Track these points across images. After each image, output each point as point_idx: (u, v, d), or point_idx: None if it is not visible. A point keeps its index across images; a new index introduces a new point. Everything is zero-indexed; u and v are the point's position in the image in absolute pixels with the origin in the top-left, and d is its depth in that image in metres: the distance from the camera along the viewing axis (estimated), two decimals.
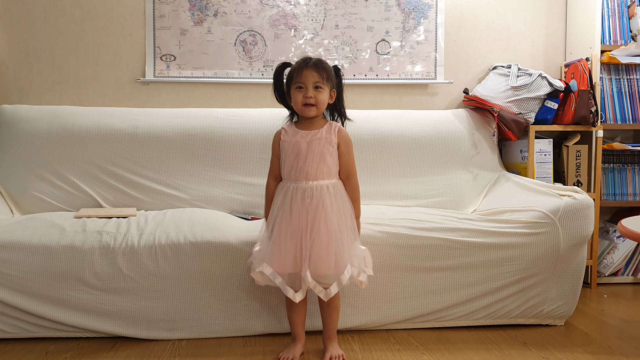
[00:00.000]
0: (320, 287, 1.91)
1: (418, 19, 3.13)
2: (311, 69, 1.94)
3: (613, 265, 2.94)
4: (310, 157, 1.95)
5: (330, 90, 2.00)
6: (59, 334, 2.15)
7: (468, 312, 2.28)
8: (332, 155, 1.97)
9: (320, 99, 1.95)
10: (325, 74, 1.96)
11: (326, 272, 1.90)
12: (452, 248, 2.23)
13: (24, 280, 2.08)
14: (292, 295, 1.93)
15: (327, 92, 1.97)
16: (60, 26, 2.98)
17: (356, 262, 1.96)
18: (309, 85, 1.94)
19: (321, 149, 1.95)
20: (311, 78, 1.94)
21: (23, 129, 2.73)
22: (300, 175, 1.96)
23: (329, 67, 2.00)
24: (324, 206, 1.92)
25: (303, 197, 1.93)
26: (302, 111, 1.98)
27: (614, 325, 2.37)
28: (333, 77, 2.00)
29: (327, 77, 1.96)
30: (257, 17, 3.05)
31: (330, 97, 2.00)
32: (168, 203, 2.69)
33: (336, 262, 1.90)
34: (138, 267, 2.12)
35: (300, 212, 1.92)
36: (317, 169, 1.95)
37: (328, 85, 1.97)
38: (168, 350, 2.07)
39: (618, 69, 3.03)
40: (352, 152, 2.02)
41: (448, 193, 2.81)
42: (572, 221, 2.25)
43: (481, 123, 2.97)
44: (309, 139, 1.97)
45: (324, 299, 1.93)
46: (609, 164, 3.04)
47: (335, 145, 1.98)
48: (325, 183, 1.95)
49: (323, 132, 1.98)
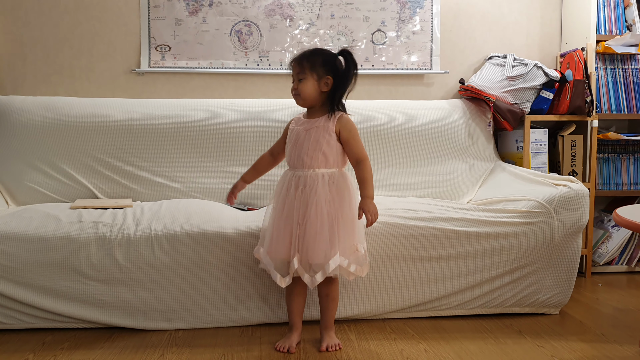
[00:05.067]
0: (308, 275, 1.93)
1: (414, 9, 3.12)
2: (295, 62, 1.99)
3: (607, 254, 2.96)
4: (306, 144, 1.96)
5: (321, 78, 1.97)
6: (55, 325, 2.15)
7: (464, 301, 2.30)
8: (329, 143, 1.96)
9: (302, 89, 1.97)
10: (308, 64, 1.96)
11: (316, 261, 1.92)
12: (448, 237, 2.24)
13: (20, 271, 2.08)
14: (279, 280, 1.96)
15: (311, 81, 1.96)
16: (54, 16, 2.96)
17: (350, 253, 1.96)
18: (294, 77, 2.00)
19: (317, 137, 1.96)
20: (295, 70, 1.99)
21: (17, 120, 2.72)
22: (298, 162, 1.98)
23: (317, 56, 1.98)
24: (317, 195, 1.92)
25: (297, 185, 1.96)
26: (295, 99, 2.03)
27: (608, 314, 2.39)
28: (322, 65, 1.97)
29: (310, 67, 1.96)
30: (252, 7, 3.03)
31: (325, 85, 1.98)
32: (164, 194, 2.68)
33: (325, 252, 1.91)
34: (134, 257, 2.12)
35: (294, 200, 1.95)
36: (313, 157, 1.95)
37: (313, 75, 1.96)
38: (165, 340, 2.08)
39: (613, 58, 3.03)
40: (357, 136, 1.99)
41: (444, 183, 2.81)
42: (567, 210, 2.26)
43: (477, 113, 2.97)
44: (308, 126, 1.99)
45: (309, 286, 1.95)
46: (603, 154, 3.05)
47: (333, 133, 1.96)
48: (321, 172, 1.96)
49: (322, 120, 1.98)
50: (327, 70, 1.98)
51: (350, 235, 1.96)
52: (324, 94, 2.00)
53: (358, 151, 1.99)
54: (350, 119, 2.01)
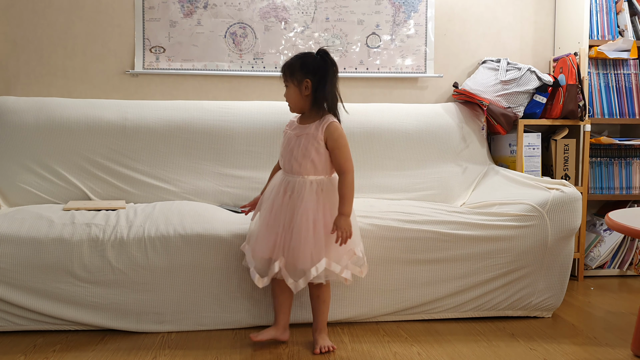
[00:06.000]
0: (291, 279, 1.94)
1: (408, 13, 3.13)
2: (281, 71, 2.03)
3: (600, 258, 2.98)
4: (296, 151, 1.97)
5: (301, 82, 1.96)
6: (47, 327, 2.14)
7: (457, 304, 2.30)
8: (318, 151, 1.95)
9: (287, 96, 2.01)
10: (288, 71, 1.99)
11: (301, 266, 1.93)
12: (441, 241, 2.24)
13: (12, 272, 2.07)
14: (257, 280, 1.98)
15: (292, 88, 1.99)
16: (48, 16, 2.95)
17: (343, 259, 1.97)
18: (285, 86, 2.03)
19: (306, 144, 1.96)
20: (282, 80, 2.03)
21: (10, 120, 2.70)
22: (288, 167, 1.99)
23: (295, 62, 1.98)
24: (304, 201, 1.93)
25: (286, 190, 1.97)
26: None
27: (600, 317, 2.40)
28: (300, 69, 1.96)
29: (290, 74, 1.98)
30: (247, 10, 3.04)
31: (306, 89, 1.97)
32: (157, 196, 2.67)
33: (311, 258, 1.91)
34: (127, 259, 2.11)
35: (281, 206, 1.96)
36: (302, 164, 1.96)
37: (293, 81, 1.98)
38: (157, 343, 2.07)
39: (606, 63, 3.06)
40: (342, 147, 1.95)
41: (437, 186, 2.82)
42: (559, 214, 2.27)
43: (470, 117, 2.98)
44: (300, 132, 1.99)
45: (293, 290, 1.96)
46: (596, 158, 3.07)
47: (321, 141, 1.95)
48: (310, 179, 1.96)
49: (312, 127, 1.97)
50: (305, 73, 1.96)
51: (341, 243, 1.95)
52: (308, 97, 1.98)
53: (341, 162, 1.95)
54: (339, 127, 1.98)
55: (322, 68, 1.96)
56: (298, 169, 1.96)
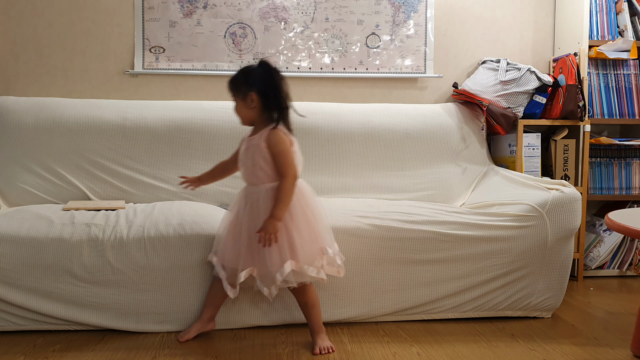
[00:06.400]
0: (266, 289, 1.97)
1: (408, 13, 3.13)
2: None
3: (599, 258, 2.98)
4: (248, 164, 2.02)
5: (246, 96, 2.00)
6: (46, 327, 2.13)
7: (456, 305, 2.30)
8: (265, 159, 1.98)
9: (236, 111, 2.05)
10: (233, 87, 2.04)
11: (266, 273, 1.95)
12: (441, 241, 2.24)
13: (12, 272, 2.06)
14: (230, 290, 2.02)
15: (239, 103, 2.03)
16: (48, 16, 2.95)
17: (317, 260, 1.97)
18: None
19: (254, 156, 2.00)
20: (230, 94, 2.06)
21: (10, 120, 2.70)
22: (246, 179, 2.06)
23: (238, 77, 2.03)
24: (260, 209, 1.96)
25: (246, 202, 2.02)
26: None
27: (600, 317, 2.40)
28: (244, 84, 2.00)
29: (235, 90, 2.03)
30: (247, 10, 3.04)
31: (252, 102, 1.99)
32: (157, 196, 2.67)
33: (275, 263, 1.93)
34: (127, 259, 2.11)
35: (243, 217, 2.01)
36: (254, 175, 2.00)
37: (239, 95, 2.02)
38: (157, 343, 2.07)
39: (606, 64, 3.06)
40: (282, 152, 1.95)
41: (437, 186, 2.82)
42: (559, 214, 2.27)
43: (470, 117, 2.98)
44: (248, 145, 2.04)
45: (269, 298, 1.99)
46: (596, 158, 3.07)
47: (264, 149, 1.97)
48: (266, 187, 1.98)
49: (256, 138, 2.01)
50: (249, 87, 1.99)
51: (311, 241, 1.96)
52: (255, 109, 2.01)
53: (280, 167, 1.96)
54: (279, 133, 1.97)
55: (265, 79, 1.99)
56: (254, 180, 2.01)
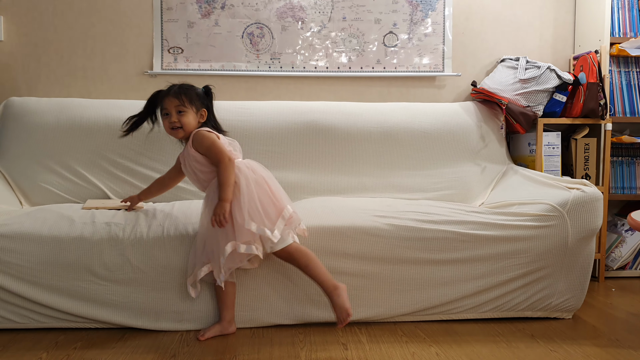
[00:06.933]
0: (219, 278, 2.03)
1: (426, 11, 3.12)
2: (171, 97, 2.12)
3: (621, 259, 2.94)
4: (189, 175, 2.17)
5: (199, 110, 2.15)
6: (68, 325, 2.16)
7: (476, 305, 2.28)
8: (199, 161, 2.10)
9: (184, 121, 2.12)
10: (186, 97, 2.12)
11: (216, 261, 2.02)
12: (460, 241, 2.23)
13: (34, 271, 2.09)
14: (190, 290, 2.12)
15: (191, 113, 2.13)
16: (68, 18, 2.99)
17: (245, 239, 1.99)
18: (172, 110, 2.12)
19: (191, 166, 2.12)
20: (172, 104, 2.12)
21: (31, 121, 2.74)
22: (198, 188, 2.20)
23: (191, 91, 2.15)
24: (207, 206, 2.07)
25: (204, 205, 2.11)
26: (172, 134, 2.16)
27: (622, 319, 2.37)
28: (198, 99, 2.15)
29: (189, 101, 2.13)
30: (264, 10, 3.04)
31: (201, 117, 2.16)
32: (175, 195, 2.69)
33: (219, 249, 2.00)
34: (147, 258, 2.12)
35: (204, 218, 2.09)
36: (197, 181, 2.15)
37: (192, 108, 2.13)
38: (177, 341, 2.08)
39: (627, 61, 3.01)
40: (210, 146, 2.07)
41: (456, 186, 2.80)
42: (580, 214, 2.25)
43: (489, 116, 2.96)
44: (184, 156, 2.16)
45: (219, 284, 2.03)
46: (617, 157, 3.02)
47: (195, 154, 2.09)
48: (213, 184, 2.08)
49: (186, 148, 2.13)
50: (202, 104, 2.16)
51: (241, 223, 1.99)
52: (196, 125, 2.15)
53: (214, 158, 2.07)
54: (200, 132, 2.11)
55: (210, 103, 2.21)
56: (203, 184, 2.14)
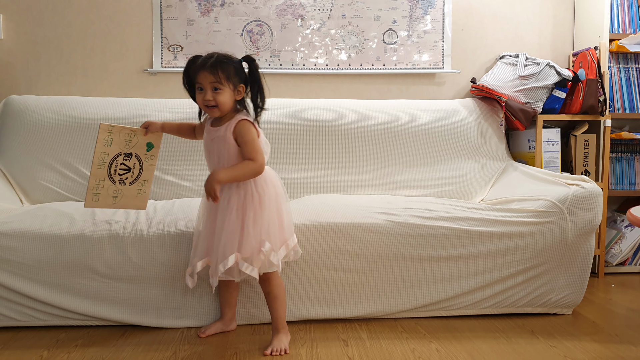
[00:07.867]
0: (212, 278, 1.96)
1: (425, 8, 3.12)
2: (206, 72, 1.90)
3: (621, 254, 2.94)
4: (210, 154, 1.99)
5: (236, 87, 1.93)
6: (69, 322, 2.17)
7: (476, 301, 2.29)
8: (229, 152, 1.93)
9: (220, 100, 1.91)
10: (223, 73, 1.90)
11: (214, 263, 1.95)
12: (460, 237, 2.23)
13: (35, 268, 2.10)
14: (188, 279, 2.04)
15: (227, 91, 1.91)
16: (68, 16, 2.99)
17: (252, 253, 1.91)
18: (207, 87, 1.91)
19: (219, 148, 1.95)
20: (207, 79, 1.90)
21: (31, 119, 2.75)
22: (209, 168, 2.02)
23: (228, 65, 1.91)
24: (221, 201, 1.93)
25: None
26: (206, 111, 1.98)
27: (622, 314, 2.37)
28: (236, 74, 1.93)
29: (226, 77, 1.90)
30: (263, 7, 3.04)
31: (238, 93, 1.94)
32: (176, 193, 2.70)
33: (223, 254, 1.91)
34: (147, 255, 2.13)
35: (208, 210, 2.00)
36: (217, 164, 1.97)
37: (229, 85, 1.91)
38: (177, 338, 2.09)
39: (627, 57, 3.01)
40: (248, 141, 1.90)
41: (455, 182, 2.81)
42: (580, 210, 2.25)
43: (489, 112, 2.96)
44: (213, 135, 1.97)
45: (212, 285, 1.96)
46: (617, 154, 3.03)
47: (230, 140, 1.92)
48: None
49: (222, 129, 1.94)
50: (240, 79, 1.94)
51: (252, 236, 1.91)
52: (234, 101, 1.96)
53: (247, 155, 1.91)
54: (246, 123, 1.93)
55: (254, 75, 1.96)
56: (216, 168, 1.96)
